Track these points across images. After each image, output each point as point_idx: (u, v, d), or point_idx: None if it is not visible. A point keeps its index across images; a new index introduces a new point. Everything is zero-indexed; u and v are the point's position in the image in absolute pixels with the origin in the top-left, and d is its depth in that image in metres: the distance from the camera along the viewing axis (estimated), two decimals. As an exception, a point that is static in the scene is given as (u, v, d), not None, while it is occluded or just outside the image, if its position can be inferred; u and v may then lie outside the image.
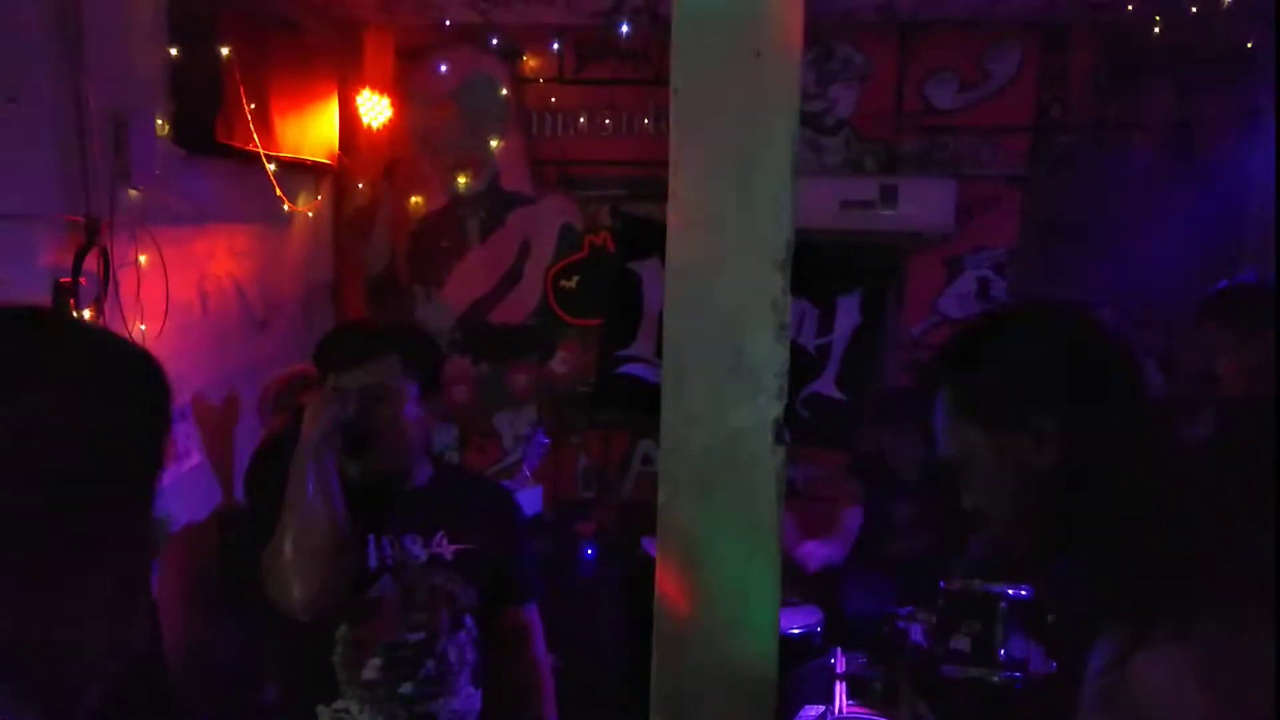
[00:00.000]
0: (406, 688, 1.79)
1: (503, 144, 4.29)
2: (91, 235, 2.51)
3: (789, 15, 1.64)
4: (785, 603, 2.41)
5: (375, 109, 4.08)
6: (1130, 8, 3.60)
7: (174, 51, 2.96)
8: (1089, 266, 3.85)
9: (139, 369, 0.82)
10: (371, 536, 1.84)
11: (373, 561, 1.83)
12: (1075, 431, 1.06)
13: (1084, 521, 1.08)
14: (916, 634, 2.71)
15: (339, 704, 1.80)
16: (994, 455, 1.11)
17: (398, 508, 1.88)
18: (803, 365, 4.21)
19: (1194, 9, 3.48)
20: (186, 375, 3.09)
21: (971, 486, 1.15)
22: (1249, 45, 3.64)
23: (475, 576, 1.90)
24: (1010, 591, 2.61)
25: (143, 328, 2.74)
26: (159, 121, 2.87)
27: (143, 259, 2.76)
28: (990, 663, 2.56)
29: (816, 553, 3.42)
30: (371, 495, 1.83)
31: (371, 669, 1.78)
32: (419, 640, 1.81)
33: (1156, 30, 3.69)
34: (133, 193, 2.69)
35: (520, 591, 2.02)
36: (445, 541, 1.88)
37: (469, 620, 1.89)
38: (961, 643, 2.61)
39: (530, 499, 3.81)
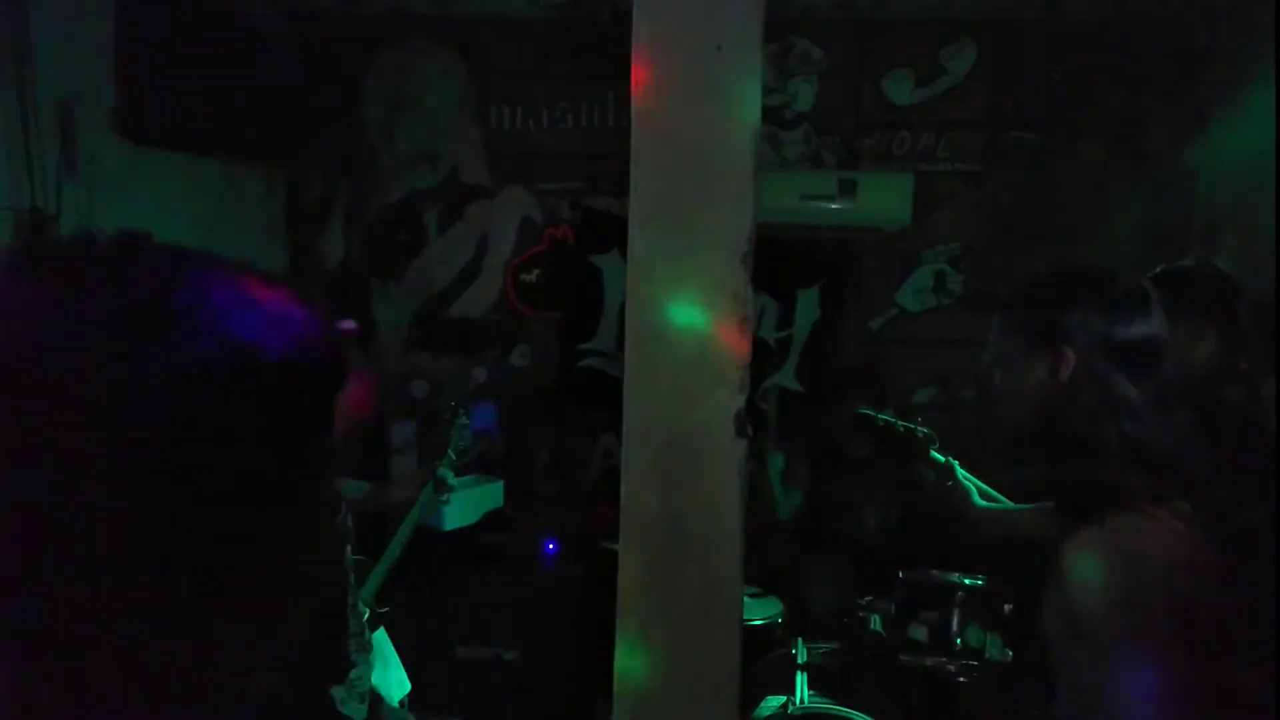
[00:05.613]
0: None
1: (461, 136, 4.26)
2: (37, 228, 2.45)
3: (749, 10, 1.65)
4: (746, 594, 2.42)
5: (335, 100, 4.02)
6: (1082, 8, 3.67)
7: (122, 41, 2.89)
8: (1043, 260, 3.92)
9: None
10: None
11: None
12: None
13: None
14: (875, 623, 2.75)
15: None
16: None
17: None
18: (763, 358, 4.24)
19: (1145, 10, 3.54)
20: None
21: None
22: (1198, 45, 3.73)
23: None
24: (967, 581, 2.65)
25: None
26: (107, 112, 2.80)
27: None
28: (947, 651, 2.61)
29: None
30: None
31: None
32: None
33: (1108, 30, 3.77)
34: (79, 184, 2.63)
35: None
36: None
37: None
38: (919, 632, 2.65)
39: (491, 494, 3.79)
